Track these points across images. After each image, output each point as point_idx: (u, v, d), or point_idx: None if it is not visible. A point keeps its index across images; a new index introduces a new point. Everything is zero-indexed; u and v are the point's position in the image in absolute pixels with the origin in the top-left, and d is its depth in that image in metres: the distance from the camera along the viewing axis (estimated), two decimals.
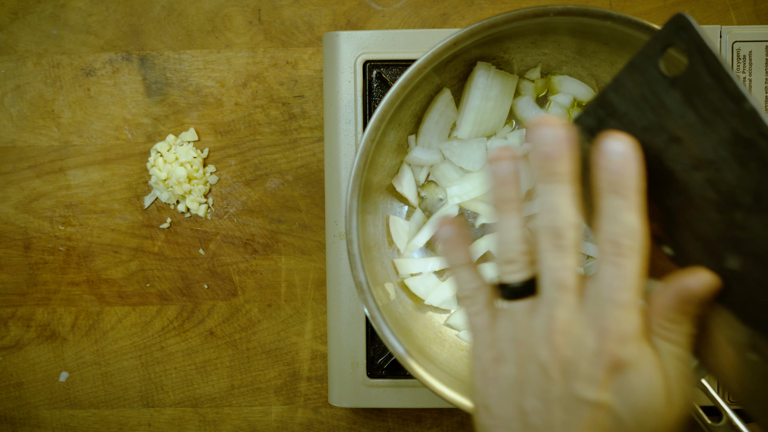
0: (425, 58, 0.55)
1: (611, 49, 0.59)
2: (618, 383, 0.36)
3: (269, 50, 0.73)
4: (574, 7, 0.54)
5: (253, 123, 0.73)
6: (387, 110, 0.56)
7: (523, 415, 0.38)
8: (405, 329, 0.60)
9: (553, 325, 0.36)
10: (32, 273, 0.74)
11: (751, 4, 0.71)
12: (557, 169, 0.37)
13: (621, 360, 0.35)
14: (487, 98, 0.62)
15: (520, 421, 0.38)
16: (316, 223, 0.72)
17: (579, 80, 0.63)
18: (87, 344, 0.74)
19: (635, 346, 0.36)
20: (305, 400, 0.73)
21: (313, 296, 0.73)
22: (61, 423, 0.74)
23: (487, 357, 0.39)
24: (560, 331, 0.36)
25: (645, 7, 0.71)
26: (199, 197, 0.72)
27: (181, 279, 0.73)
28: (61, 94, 0.73)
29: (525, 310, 0.38)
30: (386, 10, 0.72)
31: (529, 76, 0.64)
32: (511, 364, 0.38)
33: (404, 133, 0.64)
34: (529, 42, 0.60)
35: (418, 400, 0.66)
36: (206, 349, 0.73)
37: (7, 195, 0.73)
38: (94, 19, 0.73)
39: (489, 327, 0.40)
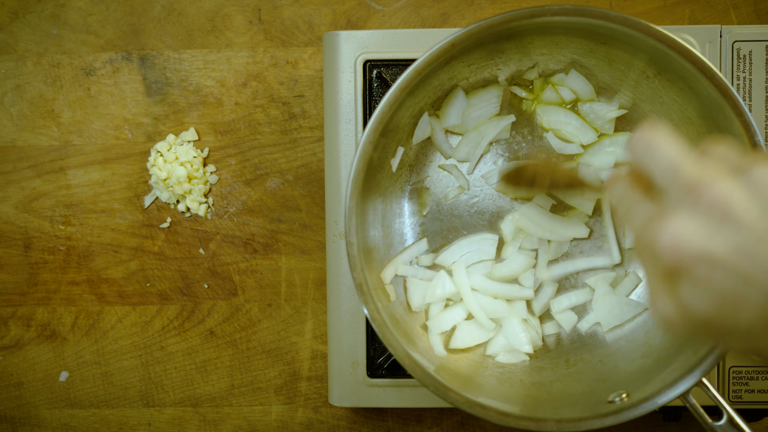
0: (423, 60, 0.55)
1: (609, 48, 0.59)
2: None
3: (269, 50, 0.73)
4: (572, 8, 0.54)
5: (253, 123, 0.73)
6: (386, 111, 0.56)
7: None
8: (405, 329, 0.60)
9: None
10: (32, 273, 0.74)
11: (751, 4, 0.71)
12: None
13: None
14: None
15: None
16: (316, 222, 0.72)
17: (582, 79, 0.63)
18: (87, 344, 0.74)
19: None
20: (305, 399, 0.73)
21: (313, 296, 0.73)
22: (61, 423, 0.74)
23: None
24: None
25: (645, 7, 0.71)
26: (199, 197, 0.72)
27: (181, 278, 0.73)
28: (61, 93, 0.73)
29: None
30: (386, 9, 0.72)
31: (527, 76, 0.64)
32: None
33: (402, 134, 0.64)
34: (527, 43, 0.60)
35: (418, 400, 0.66)
36: (206, 348, 0.73)
37: (7, 195, 0.73)
38: (94, 19, 0.73)
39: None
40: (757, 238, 0.35)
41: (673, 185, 0.38)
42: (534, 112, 0.65)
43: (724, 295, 0.36)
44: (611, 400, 0.56)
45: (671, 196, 0.39)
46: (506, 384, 0.61)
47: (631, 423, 0.66)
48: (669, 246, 0.37)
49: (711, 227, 0.36)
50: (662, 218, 0.38)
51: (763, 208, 0.36)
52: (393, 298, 0.62)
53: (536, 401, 0.59)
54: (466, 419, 0.72)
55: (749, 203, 0.36)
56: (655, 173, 0.40)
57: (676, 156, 0.39)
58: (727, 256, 0.36)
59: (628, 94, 0.63)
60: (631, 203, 0.42)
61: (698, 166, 0.38)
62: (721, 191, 0.36)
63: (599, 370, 0.61)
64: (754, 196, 0.36)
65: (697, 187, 0.37)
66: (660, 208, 0.39)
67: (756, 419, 0.65)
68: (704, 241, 0.36)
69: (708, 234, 0.36)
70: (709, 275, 0.36)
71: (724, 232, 0.36)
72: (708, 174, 0.37)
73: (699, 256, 0.36)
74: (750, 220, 0.35)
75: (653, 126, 0.40)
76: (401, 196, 0.66)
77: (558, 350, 0.64)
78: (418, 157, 0.66)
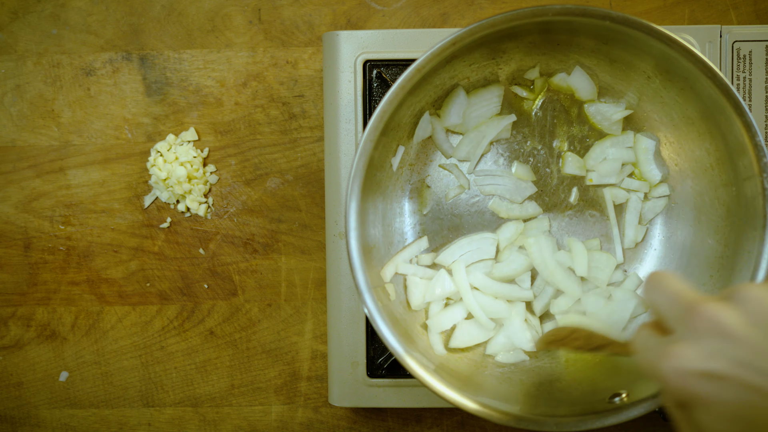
0: (424, 59, 0.55)
1: (611, 48, 0.59)
2: None
3: (269, 50, 0.73)
4: (573, 7, 0.54)
5: (253, 123, 0.73)
6: (387, 109, 0.56)
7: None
8: (405, 329, 0.60)
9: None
10: (32, 273, 0.74)
11: (751, 4, 0.71)
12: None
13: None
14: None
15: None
16: (316, 222, 0.72)
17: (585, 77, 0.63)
18: (87, 344, 0.74)
19: None
20: (305, 399, 0.73)
21: (313, 296, 0.73)
22: (61, 423, 0.74)
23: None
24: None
25: (645, 7, 0.71)
26: (199, 197, 0.72)
27: (181, 278, 0.73)
28: (61, 93, 0.73)
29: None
30: (386, 9, 0.72)
31: (528, 76, 0.64)
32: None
33: (403, 133, 0.64)
34: (528, 42, 0.60)
35: (418, 400, 0.66)
36: (206, 348, 0.73)
37: (7, 195, 0.73)
38: (94, 19, 0.73)
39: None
40: (752, 350, 0.37)
41: (675, 315, 0.41)
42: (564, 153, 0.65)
43: (735, 411, 0.38)
44: (611, 401, 0.56)
45: (675, 329, 0.41)
46: (506, 383, 0.61)
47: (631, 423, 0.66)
48: (673, 372, 0.39)
49: (709, 348, 0.38)
50: (666, 349, 0.40)
51: (753, 321, 0.38)
52: (393, 298, 0.62)
53: (536, 401, 0.59)
54: (466, 419, 0.72)
55: (741, 319, 0.38)
56: (662, 308, 0.42)
57: (677, 287, 0.42)
58: (728, 370, 0.37)
59: (633, 94, 0.63)
60: (648, 345, 0.44)
61: (694, 294, 0.41)
62: (712, 311, 0.39)
63: (599, 370, 0.61)
64: (744, 313, 0.38)
65: (691, 311, 0.39)
66: (667, 343, 0.41)
67: None
68: (704, 359, 0.38)
69: (707, 353, 0.38)
70: (716, 393, 0.38)
71: (722, 349, 0.38)
72: (701, 298, 0.40)
73: (702, 375, 0.38)
74: (743, 334, 0.38)
75: (658, 272, 0.44)
76: (402, 195, 0.66)
77: (558, 351, 0.64)
78: (418, 156, 0.66)
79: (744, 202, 0.57)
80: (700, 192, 0.62)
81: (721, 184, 0.59)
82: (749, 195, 0.56)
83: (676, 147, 0.63)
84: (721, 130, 0.57)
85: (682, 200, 0.63)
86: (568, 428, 0.54)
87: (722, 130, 0.57)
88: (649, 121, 0.63)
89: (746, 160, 0.55)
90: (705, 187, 0.61)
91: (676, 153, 0.63)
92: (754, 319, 0.38)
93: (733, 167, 0.57)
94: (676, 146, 0.63)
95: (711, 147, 0.59)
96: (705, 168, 0.60)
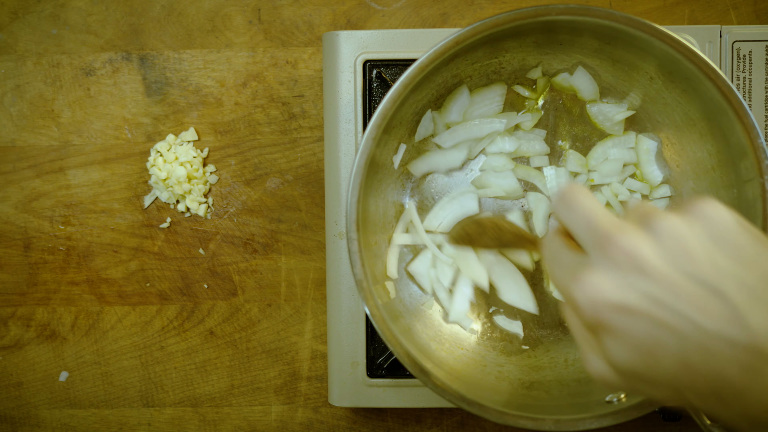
0: (427, 57, 0.55)
1: (613, 48, 0.59)
2: None
3: (269, 50, 0.73)
4: (576, 7, 0.54)
5: (253, 123, 0.73)
6: (390, 107, 0.56)
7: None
8: (405, 327, 0.60)
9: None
10: (32, 273, 0.74)
11: (751, 4, 0.71)
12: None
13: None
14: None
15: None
16: (316, 222, 0.72)
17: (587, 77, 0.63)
18: (87, 344, 0.74)
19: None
20: (305, 399, 0.73)
21: (313, 296, 0.73)
22: (61, 423, 0.74)
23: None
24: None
25: (645, 7, 0.71)
26: (199, 197, 0.72)
27: (181, 279, 0.73)
28: (61, 93, 0.73)
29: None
30: (386, 9, 0.72)
31: (530, 75, 0.64)
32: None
33: (405, 131, 0.64)
34: (531, 42, 0.60)
35: (418, 400, 0.66)
36: (206, 348, 0.73)
37: (7, 195, 0.73)
38: (94, 19, 0.73)
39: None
40: (666, 287, 0.37)
41: (589, 239, 0.40)
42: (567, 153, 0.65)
43: (643, 345, 0.37)
44: (609, 401, 0.56)
45: (588, 251, 0.40)
46: (505, 382, 0.61)
47: (630, 423, 0.66)
48: (585, 300, 0.38)
49: (623, 279, 0.37)
50: (579, 273, 0.39)
51: (669, 257, 0.37)
52: (393, 296, 0.62)
53: (535, 400, 0.59)
54: (466, 419, 0.72)
55: (656, 252, 0.37)
56: (574, 229, 0.41)
57: (592, 211, 0.40)
58: (640, 305, 0.37)
59: (635, 95, 0.63)
60: (560, 260, 0.43)
61: (610, 220, 0.39)
62: (630, 243, 0.38)
63: None
64: (659, 245, 0.37)
65: (607, 239, 0.38)
66: (580, 265, 0.40)
67: None
68: (618, 292, 0.37)
69: (621, 285, 0.37)
70: (626, 326, 0.38)
71: (636, 283, 0.37)
72: (618, 227, 0.38)
73: (614, 307, 0.37)
74: (658, 269, 0.37)
75: (573, 185, 0.42)
76: (402, 194, 0.66)
77: (557, 350, 0.64)
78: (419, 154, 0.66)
79: (745, 204, 0.57)
80: (701, 193, 0.62)
81: (722, 186, 0.59)
82: (750, 197, 0.56)
83: (677, 148, 0.63)
84: (723, 131, 0.57)
85: (684, 201, 0.63)
86: (567, 428, 0.54)
87: (724, 132, 0.57)
88: (651, 122, 0.63)
89: (747, 162, 0.55)
90: (706, 189, 0.61)
91: (677, 154, 0.63)
92: (671, 256, 0.37)
93: (734, 169, 0.57)
94: (678, 147, 0.63)
95: (712, 149, 0.59)
96: (706, 169, 0.60)
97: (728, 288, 0.36)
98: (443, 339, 0.63)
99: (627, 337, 0.38)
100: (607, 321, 0.38)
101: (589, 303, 0.38)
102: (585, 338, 0.41)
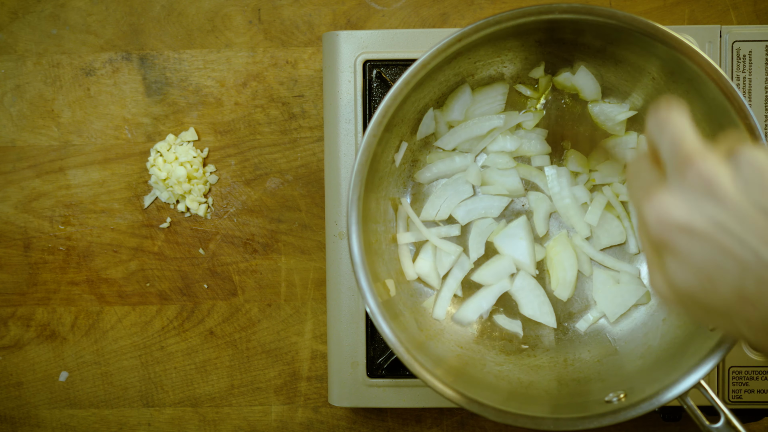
0: (429, 54, 0.55)
1: (616, 48, 0.59)
2: None
3: (269, 50, 0.73)
4: (580, 6, 0.54)
5: (253, 123, 0.73)
6: (391, 104, 0.56)
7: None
8: (405, 326, 0.60)
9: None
10: (32, 273, 0.74)
11: (751, 4, 0.71)
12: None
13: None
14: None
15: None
16: (316, 222, 0.72)
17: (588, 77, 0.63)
18: (87, 344, 0.74)
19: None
20: (305, 399, 0.73)
21: (313, 296, 0.73)
22: (61, 423, 0.74)
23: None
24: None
25: (645, 7, 0.71)
26: (198, 197, 0.72)
27: (181, 279, 0.73)
28: (61, 93, 0.73)
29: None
30: (386, 9, 0.72)
31: (533, 74, 0.64)
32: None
33: (407, 129, 0.64)
34: (534, 40, 0.60)
35: (418, 400, 0.66)
36: (206, 348, 0.73)
37: (7, 195, 0.73)
38: (94, 19, 0.73)
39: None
40: (736, 215, 0.37)
41: (671, 160, 0.40)
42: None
43: (703, 269, 0.38)
44: (608, 400, 0.56)
45: (669, 172, 0.40)
46: (504, 382, 0.61)
47: (630, 423, 0.66)
48: (655, 218, 0.39)
49: (695, 202, 0.38)
50: (653, 192, 0.40)
51: (745, 188, 0.37)
52: (393, 294, 0.62)
53: (534, 400, 0.59)
54: (465, 419, 0.72)
55: (732, 182, 0.38)
56: (661, 148, 0.41)
57: (681, 132, 0.40)
58: (707, 229, 0.38)
59: (637, 95, 0.63)
60: (640, 178, 0.43)
61: (696, 144, 0.40)
62: (707, 168, 0.38)
63: (597, 369, 0.62)
64: (738, 176, 0.38)
65: (687, 162, 0.39)
66: (656, 184, 0.41)
67: (756, 419, 0.65)
68: (686, 214, 0.38)
69: (691, 208, 0.38)
70: (689, 247, 0.38)
71: (706, 207, 0.38)
72: (700, 152, 0.39)
73: (681, 228, 0.38)
74: (731, 198, 0.37)
75: (669, 104, 0.42)
76: (403, 192, 0.66)
77: (556, 349, 0.64)
78: (421, 152, 0.66)
79: None
80: None
81: None
82: None
83: None
84: (725, 132, 0.57)
85: None
86: (567, 427, 0.54)
87: (726, 133, 0.57)
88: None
89: None
90: None
91: None
92: (746, 186, 0.38)
93: None
94: None
95: None
96: None
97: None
98: (443, 338, 0.63)
99: (689, 258, 0.38)
100: (671, 240, 0.39)
101: (657, 221, 0.39)
102: (651, 256, 0.42)
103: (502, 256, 0.65)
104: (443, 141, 0.64)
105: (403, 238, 0.64)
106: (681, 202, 0.38)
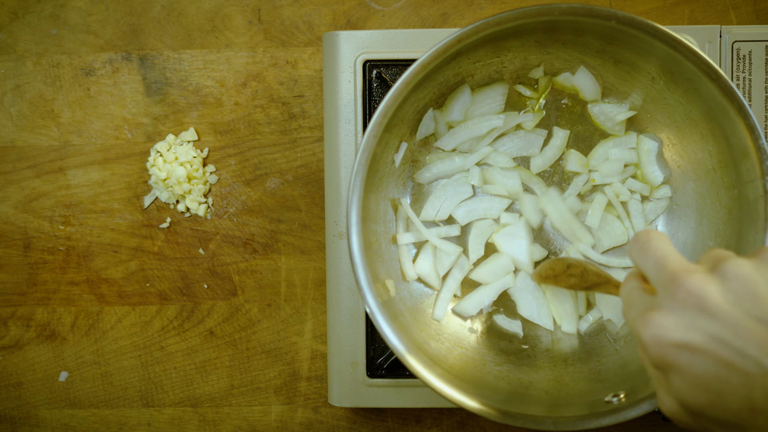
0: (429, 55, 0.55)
1: (615, 48, 0.59)
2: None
3: (269, 50, 0.73)
4: (579, 7, 0.54)
5: (252, 123, 0.73)
6: (391, 105, 0.56)
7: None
8: (405, 325, 0.60)
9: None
10: (32, 273, 0.74)
11: (751, 4, 0.71)
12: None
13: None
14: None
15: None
16: (316, 222, 0.72)
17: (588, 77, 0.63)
18: (87, 344, 0.74)
19: None
20: (305, 399, 0.73)
21: (313, 296, 0.73)
22: (60, 423, 0.74)
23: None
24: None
25: (645, 7, 0.71)
26: (198, 197, 0.72)
27: (181, 279, 0.73)
28: (61, 93, 0.73)
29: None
30: (386, 9, 0.72)
31: (532, 74, 0.64)
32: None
33: (406, 129, 0.64)
34: (533, 41, 0.60)
35: (418, 400, 0.66)
36: (206, 348, 0.73)
37: (7, 195, 0.73)
38: (94, 19, 0.73)
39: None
40: (731, 328, 0.38)
41: (659, 281, 0.41)
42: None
43: (708, 384, 0.38)
44: (608, 400, 0.56)
45: (659, 293, 0.41)
46: (504, 382, 0.61)
47: (630, 423, 0.66)
48: (652, 339, 0.40)
49: (688, 319, 0.39)
50: (647, 314, 0.41)
51: (736, 300, 0.38)
52: (393, 294, 0.62)
53: (534, 400, 0.59)
54: (465, 419, 0.72)
55: (722, 295, 0.38)
56: (646, 272, 0.43)
57: (663, 253, 0.42)
58: (705, 345, 0.38)
59: (637, 95, 0.63)
60: (633, 302, 0.44)
61: (680, 262, 0.41)
62: (695, 284, 0.39)
63: (597, 370, 0.62)
64: (726, 289, 0.39)
65: (675, 281, 0.40)
66: (649, 306, 0.42)
67: None
68: (682, 332, 0.39)
69: (686, 326, 0.39)
70: (690, 364, 0.39)
71: (701, 323, 0.38)
72: (686, 269, 0.40)
73: (677, 345, 0.39)
74: (724, 311, 0.38)
75: (647, 230, 0.44)
76: (403, 193, 0.66)
77: (556, 349, 0.64)
78: (421, 153, 0.66)
79: (745, 204, 0.57)
80: (701, 194, 0.62)
81: (723, 187, 0.59)
82: (751, 198, 0.56)
83: (678, 149, 0.63)
84: (725, 132, 0.57)
85: (684, 202, 0.63)
86: (566, 428, 0.54)
87: (725, 133, 0.57)
88: (652, 122, 0.63)
89: (749, 163, 0.55)
90: (707, 190, 0.61)
91: (678, 155, 0.63)
92: (736, 298, 0.38)
93: (735, 170, 0.57)
94: (679, 148, 0.63)
95: (714, 149, 0.59)
96: (707, 170, 0.60)
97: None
98: (443, 338, 0.63)
99: (691, 374, 0.39)
100: (672, 359, 0.39)
101: (655, 342, 0.39)
102: (656, 378, 0.42)
103: (501, 255, 0.65)
104: (443, 141, 0.64)
105: (403, 239, 0.64)
106: (675, 322, 0.39)
